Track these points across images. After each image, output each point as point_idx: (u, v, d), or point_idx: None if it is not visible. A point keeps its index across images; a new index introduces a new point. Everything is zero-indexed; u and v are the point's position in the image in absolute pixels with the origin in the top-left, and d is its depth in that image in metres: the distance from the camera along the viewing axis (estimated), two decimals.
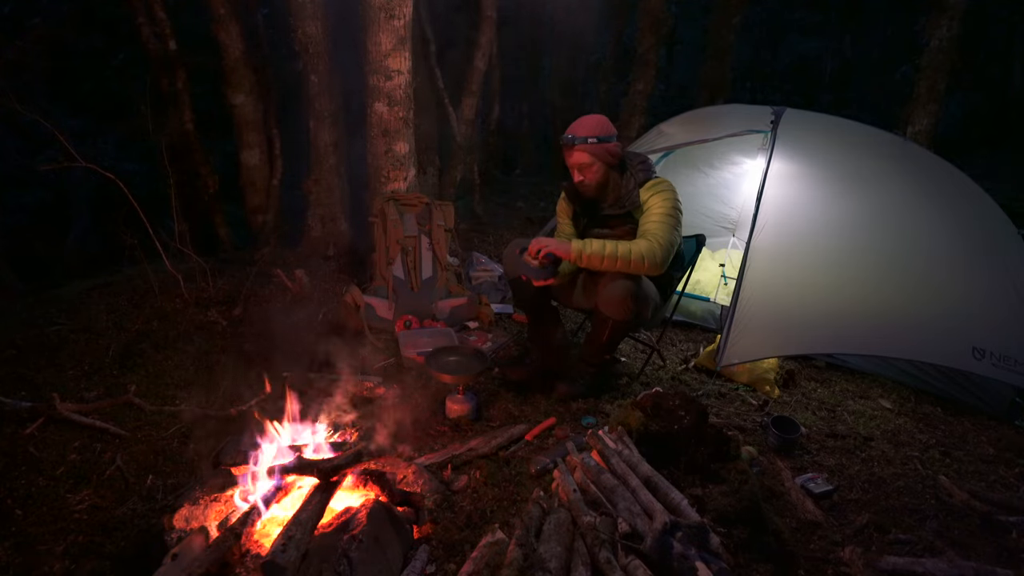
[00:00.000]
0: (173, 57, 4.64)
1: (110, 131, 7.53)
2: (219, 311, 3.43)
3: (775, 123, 3.12)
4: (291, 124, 5.03)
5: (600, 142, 2.45)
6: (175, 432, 2.39)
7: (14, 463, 2.16)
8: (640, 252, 2.33)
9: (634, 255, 2.33)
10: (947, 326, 2.66)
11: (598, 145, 2.44)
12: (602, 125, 2.48)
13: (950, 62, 5.15)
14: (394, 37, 3.60)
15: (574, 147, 2.46)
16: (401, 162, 3.85)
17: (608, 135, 2.47)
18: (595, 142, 2.44)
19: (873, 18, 13.22)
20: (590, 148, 2.44)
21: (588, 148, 2.44)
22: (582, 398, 2.67)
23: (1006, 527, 1.92)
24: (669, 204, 2.45)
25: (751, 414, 2.69)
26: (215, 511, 1.74)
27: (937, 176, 3.13)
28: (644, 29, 6.45)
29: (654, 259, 2.34)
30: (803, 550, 1.81)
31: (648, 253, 2.34)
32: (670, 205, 2.45)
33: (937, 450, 2.48)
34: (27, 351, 2.94)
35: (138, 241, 3.49)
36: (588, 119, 2.50)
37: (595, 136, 2.44)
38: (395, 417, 2.36)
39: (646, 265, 2.34)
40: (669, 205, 2.45)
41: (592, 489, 1.82)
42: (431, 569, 1.67)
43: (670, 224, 2.42)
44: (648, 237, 2.39)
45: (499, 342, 3.27)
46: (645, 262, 2.33)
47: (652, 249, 2.34)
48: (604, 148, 2.46)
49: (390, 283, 3.53)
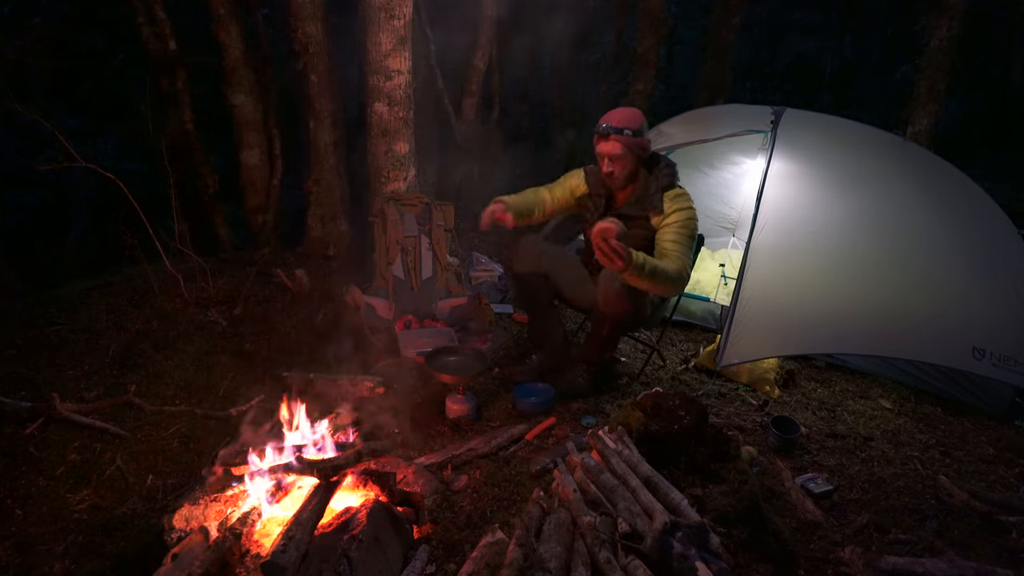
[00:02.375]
0: (173, 57, 4.64)
1: (110, 131, 7.51)
2: (219, 311, 3.42)
3: (775, 123, 3.13)
4: (291, 124, 5.03)
5: (635, 135, 2.41)
6: (175, 432, 2.39)
7: (14, 463, 2.16)
8: (670, 276, 2.26)
9: (670, 277, 2.25)
10: (947, 326, 2.66)
11: (632, 138, 2.40)
12: (638, 118, 2.44)
13: (950, 62, 5.15)
14: (394, 37, 3.59)
15: (609, 136, 2.41)
16: (401, 162, 3.85)
17: (643, 127, 2.44)
18: (630, 134, 2.40)
19: (873, 18, 13.20)
20: (624, 140, 2.40)
21: (623, 140, 2.40)
22: (583, 398, 2.67)
23: (1006, 527, 1.92)
24: (692, 225, 2.43)
25: (751, 414, 2.69)
26: (215, 511, 1.73)
27: (937, 176, 3.13)
28: (644, 29, 6.44)
29: (680, 282, 2.32)
30: (803, 550, 1.81)
31: (677, 278, 2.29)
32: (693, 225, 2.44)
33: (937, 450, 2.48)
34: (27, 351, 2.94)
35: (138, 241, 3.48)
36: (624, 110, 2.47)
37: (631, 128, 2.40)
38: (395, 417, 2.36)
39: (672, 289, 2.34)
40: (692, 225, 2.43)
41: (592, 489, 1.82)
42: (431, 569, 1.67)
43: (688, 246, 2.41)
44: (673, 258, 2.33)
45: (499, 342, 3.27)
46: (672, 285, 2.30)
47: (680, 274, 2.30)
48: (637, 142, 2.42)
49: (390, 283, 3.53)
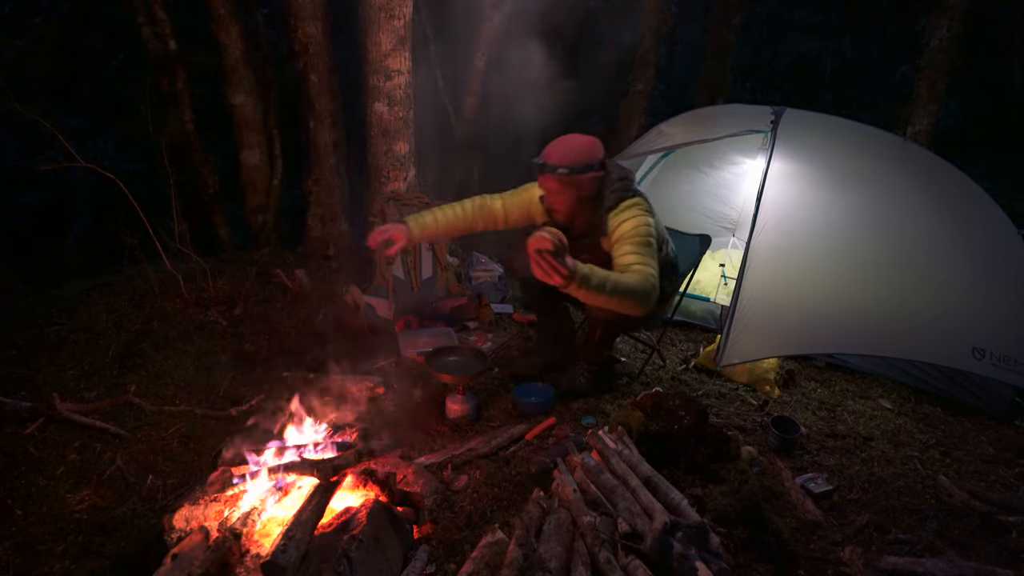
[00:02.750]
0: (173, 57, 4.64)
1: (110, 131, 7.52)
2: (219, 311, 3.43)
3: (775, 123, 3.12)
4: (291, 124, 5.03)
5: (572, 173, 2.17)
6: (175, 432, 2.39)
7: (14, 463, 2.16)
8: (633, 289, 2.01)
9: (633, 291, 2.01)
10: (947, 326, 2.66)
11: (569, 176, 2.18)
12: (580, 153, 2.20)
13: (950, 62, 5.15)
14: (394, 37, 3.59)
15: (543, 172, 2.21)
16: (401, 162, 3.85)
17: (585, 165, 2.19)
18: (565, 173, 2.17)
19: (873, 18, 13.21)
20: (559, 178, 2.19)
21: (558, 178, 2.19)
22: (583, 398, 2.67)
23: (1006, 527, 1.92)
24: (643, 231, 2.17)
25: (751, 414, 2.69)
26: (215, 511, 1.73)
27: (937, 176, 3.13)
28: (644, 29, 6.45)
29: (646, 296, 2.04)
30: (803, 550, 1.81)
31: (641, 292, 2.02)
32: (645, 231, 2.18)
33: (937, 450, 2.48)
34: (27, 351, 2.94)
35: (138, 241, 3.49)
36: (569, 142, 2.23)
37: (566, 166, 2.17)
38: (395, 417, 2.36)
39: (639, 305, 2.04)
40: (644, 231, 2.17)
41: (592, 489, 1.82)
42: (431, 569, 1.67)
43: (649, 254, 2.15)
44: (635, 271, 2.08)
45: (499, 342, 3.27)
46: (636, 301, 2.02)
47: (644, 287, 2.03)
48: (577, 180, 2.19)
49: (390, 283, 3.53)
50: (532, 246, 1.82)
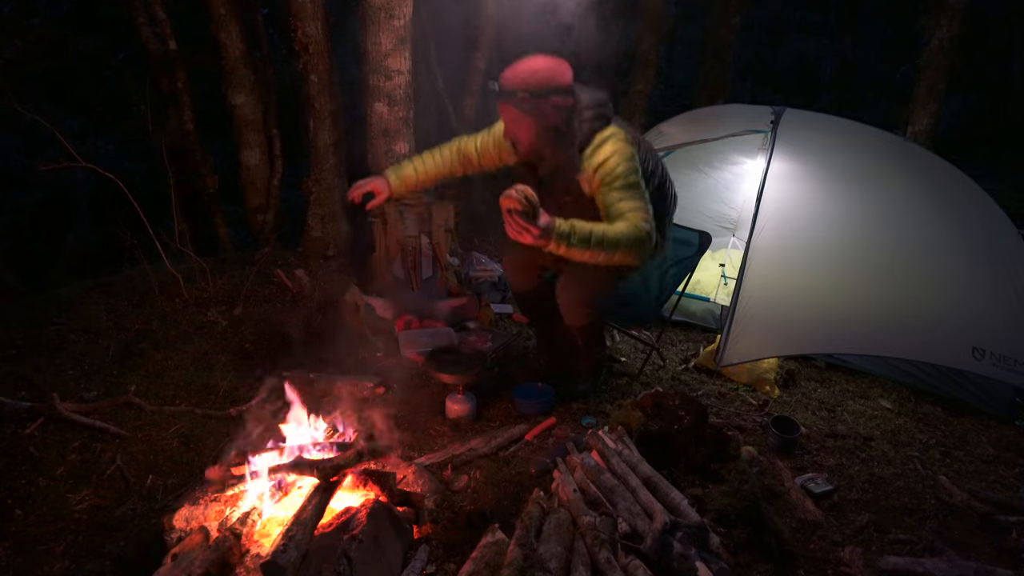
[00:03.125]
0: (173, 57, 4.64)
1: (110, 131, 7.52)
2: (219, 311, 3.42)
3: (775, 123, 3.13)
4: (291, 124, 5.03)
5: (533, 97, 1.91)
6: (175, 432, 2.39)
7: (14, 463, 2.16)
8: (623, 237, 1.85)
9: (623, 239, 1.85)
10: (947, 326, 2.66)
11: (530, 100, 1.91)
12: (541, 75, 1.92)
13: (950, 62, 5.15)
14: (394, 37, 3.60)
15: (500, 100, 1.96)
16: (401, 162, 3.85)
17: (547, 89, 1.91)
18: (525, 97, 1.91)
19: (873, 18, 13.22)
20: (518, 104, 1.93)
21: (517, 104, 1.93)
22: (583, 398, 2.67)
23: (1006, 527, 1.92)
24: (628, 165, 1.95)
25: (751, 414, 2.70)
26: (215, 511, 1.73)
27: (937, 176, 3.13)
28: (644, 29, 6.44)
29: (640, 241, 1.89)
30: (803, 550, 1.81)
31: (634, 238, 1.87)
32: (630, 166, 1.95)
33: (937, 450, 2.48)
34: (27, 351, 2.93)
35: (138, 241, 3.48)
36: (528, 64, 1.95)
37: (526, 89, 1.91)
38: (395, 417, 2.36)
39: (634, 254, 1.91)
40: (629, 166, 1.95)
41: (592, 489, 1.82)
42: (431, 569, 1.67)
43: (638, 193, 1.94)
44: (625, 216, 1.89)
45: (499, 342, 3.27)
46: (630, 249, 1.89)
47: (638, 233, 1.88)
48: (538, 107, 1.92)
49: (390, 283, 3.53)
50: (503, 205, 1.74)
